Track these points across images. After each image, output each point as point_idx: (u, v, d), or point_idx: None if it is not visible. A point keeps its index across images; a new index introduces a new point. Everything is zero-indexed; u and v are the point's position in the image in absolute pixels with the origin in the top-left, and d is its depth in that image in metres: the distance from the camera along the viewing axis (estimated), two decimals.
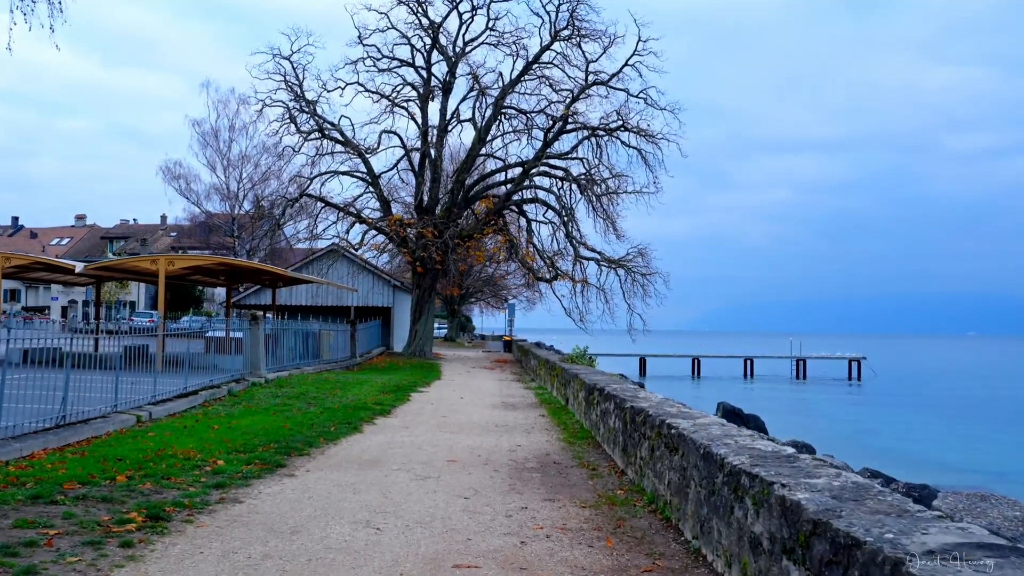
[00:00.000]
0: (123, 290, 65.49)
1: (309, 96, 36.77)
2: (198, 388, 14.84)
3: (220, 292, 58.73)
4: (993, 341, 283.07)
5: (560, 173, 36.67)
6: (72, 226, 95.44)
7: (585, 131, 35.93)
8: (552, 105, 36.63)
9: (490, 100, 37.10)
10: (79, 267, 21.75)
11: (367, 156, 36.43)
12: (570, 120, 35.74)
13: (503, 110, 37.06)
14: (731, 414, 22.31)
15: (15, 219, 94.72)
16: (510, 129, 37.91)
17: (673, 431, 7.10)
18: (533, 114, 37.04)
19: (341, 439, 11.03)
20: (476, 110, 37.52)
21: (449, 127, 37.68)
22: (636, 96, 35.12)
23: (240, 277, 27.29)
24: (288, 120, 36.00)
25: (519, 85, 37.05)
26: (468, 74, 37.82)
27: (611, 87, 35.57)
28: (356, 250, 37.19)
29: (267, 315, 32.56)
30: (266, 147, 51.26)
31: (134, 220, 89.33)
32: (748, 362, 58.81)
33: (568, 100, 35.86)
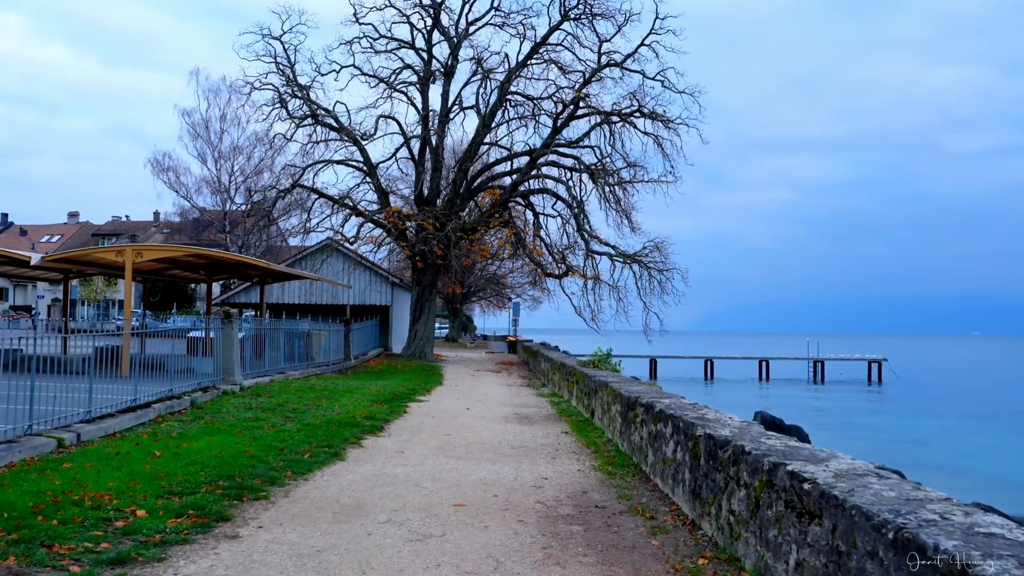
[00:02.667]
0: (110, 288, 62.96)
1: (302, 81, 34.35)
2: (152, 399, 12.35)
3: (215, 289, 56.24)
4: (1000, 341, 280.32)
5: (570, 162, 34.21)
6: (64, 223, 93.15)
7: (597, 116, 33.44)
8: (561, 91, 34.16)
9: (495, 84, 34.64)
10: (35, 258, 19.28)
11: (363, 143, 33.96)
12: (581, 104, 33.26)
13: (509, 96, 34.59)
14: (771, 425, 19.81)
15: (4, 216, 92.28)
16: (516, 116, 35.47)
17: (807, 487, 4.61)
18: (541, 100, 34.58)
19: (315, 472, 8.52)
20: (480, 96, 35.07)
21: (451, 114, 35.22)
22: (652, 79, 32.65)
23: (222, 271, 24.83)
24: (279, 104, 33.52)
25: (526, 69, 34.57)
26: (472, 59, 35.37)
27: (626, 69, 33.07)
28: (351, 244, 34.67)
29: (255, 313, 30.10)
30: (259, 138, 48.85)
31: (126, 217, 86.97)
32: (763, 364, 56.27)
33: (579, 83, 33.39)
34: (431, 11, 34.28)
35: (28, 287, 76.44)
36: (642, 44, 32.48)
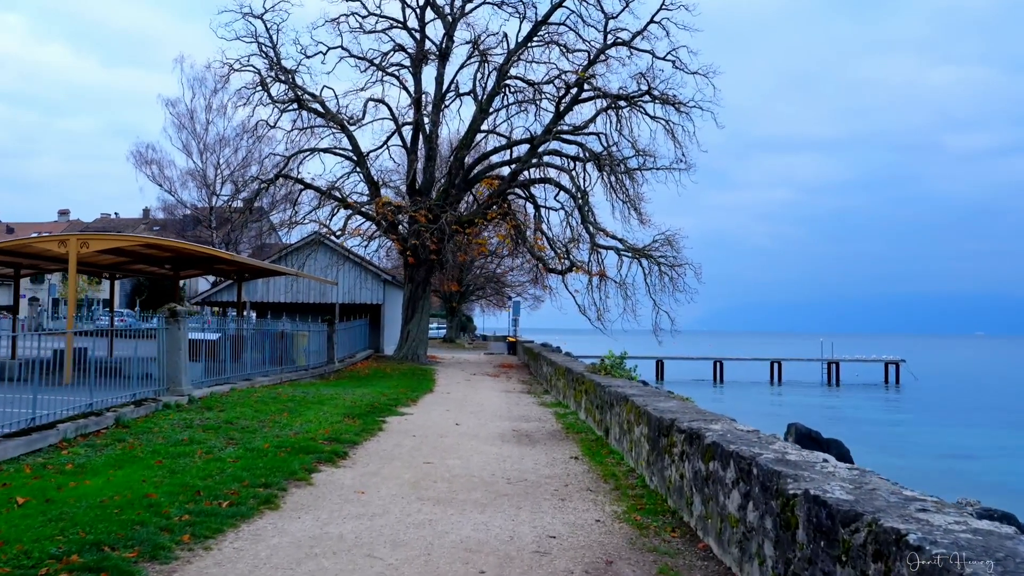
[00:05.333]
0: (93, 286, 60.52)
1: (287, 64, 31.87)
2: (60, 418, 9.92)
3: (202, 286, 53.81)
4: (1005, 341, 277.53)
5: (574, 151, 31.74)
6: (54, 221, 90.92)
7: (603, 100, 30.98)
8: (564, 75, 31.70)
9: (493, 67, 32.18)
10: None
11: (350, 128, 31.50)
12: (586, 86, 30.79)
13: (508, 81, 32.12)
14: (807, 439, 17.37)
15: None
16: (515, 101, 33.00)
17: None
18: (542, 84, 32.12)
19: (228, 532, 6.07)
20: (477, 81, 32.61)
21: (446, 99, 32.76)
22: (663, 58, 30.20)
23: (190, 266, 22.41)
24: (259, 87, 31.05)
25: (526, 51, 32.12)
26: (469, 42, 32.95)
27: (634, 48, 30.64)
28: (337, 237, 32.21)
29: (248, 312, 27.71)
30: (245, 128, 46.37)
31: (115, 214, 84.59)
32: (775, 365, 53.79)
33: (584, 64, 30.94)
34: None
35: (12, 286, 74.14)
36: (652, 21, 30.09)
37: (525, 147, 32.08)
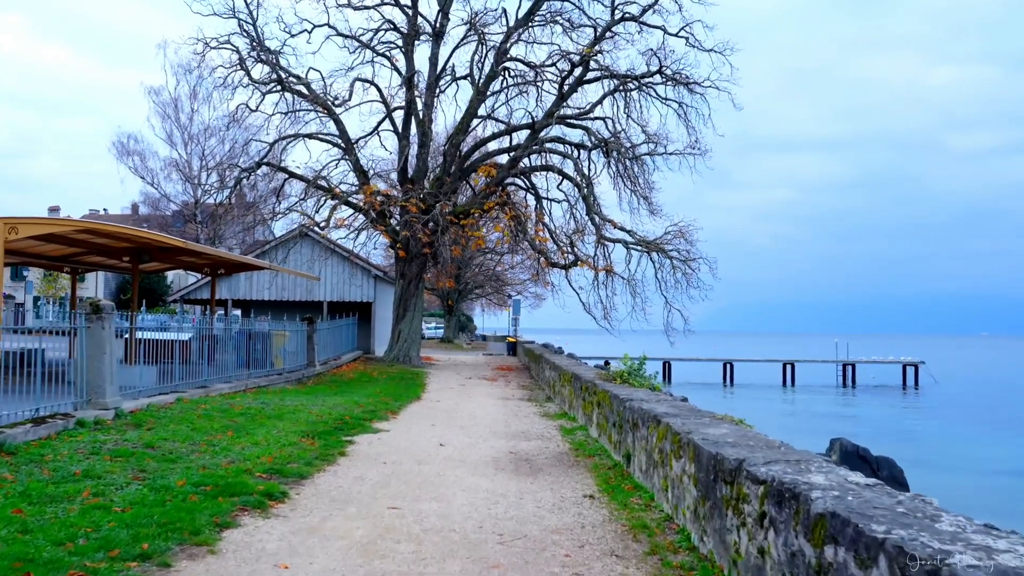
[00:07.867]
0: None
1: (270, 45, 29.45)
2: None
3: (186, 282, 51.34)
4: (1011, 341, 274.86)
5: (578, 137, 29.33)
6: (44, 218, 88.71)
7: (611, 80, 28.59)
8: (568, 56, 29.29)
9: (491, 47, 29.76)
10: None
11: (337, 110, 29.11)
12: (592, 64, 28.38)
13: (506, 63, 29.71)
14: (854, 457, 14.98)
15: None
16: (515, 83, 30.59)
17: None
18: (543, 67, 29.71)
19: None
20: (474, 63, 30.19)
21: (440, 83, 30.36)
22: (675, 35, 27.83)
23: (151, 258, 20.03)
24: (237, 66, 28.65)
25: (526, 31, 29.71)
26: (465, 22, 30.53)
27: (643, 23, 28.24)
28: (321, 229, 29.83)
29: (214, 309, 25.34)
30: (233, 117, 43.99)
31: (104, 210, 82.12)
32: (788, 367, 51.36)
33: (589, 42, 28.54)
34: None
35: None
36: None
37: (525, 133, 29.72)
